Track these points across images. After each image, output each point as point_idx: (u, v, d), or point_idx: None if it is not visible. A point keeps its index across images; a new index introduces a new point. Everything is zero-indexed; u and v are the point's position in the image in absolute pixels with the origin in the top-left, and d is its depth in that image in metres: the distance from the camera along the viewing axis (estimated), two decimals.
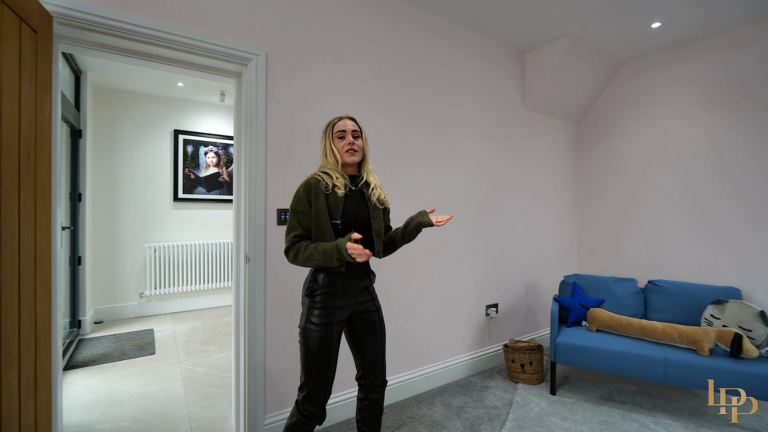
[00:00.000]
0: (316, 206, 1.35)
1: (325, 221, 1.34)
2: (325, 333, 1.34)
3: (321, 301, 1.36)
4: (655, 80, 3.15)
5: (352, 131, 1.44)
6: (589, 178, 3.60)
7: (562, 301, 2.71)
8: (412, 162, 2.46)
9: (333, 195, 1.37)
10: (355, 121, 1.48)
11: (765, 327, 2.15)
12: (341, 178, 1.40)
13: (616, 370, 2.23)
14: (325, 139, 1.45)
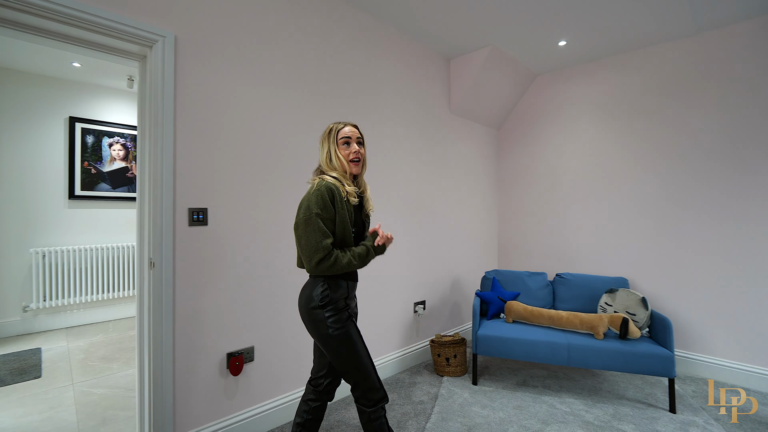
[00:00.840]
0: (341, 213, 1.35)
1: (348, 228, 1.37)
2: (351, 333, 1.38)
3: (336, 307, 1.37)
4: (563, 93, 3.49)
5: (357, 138, 1.45)
6: (508, 181, 3.88)
7: (483, 295, 2.88)
8: None
9: (348, 203, 1.39)
10: (357, 128, 1.48)
11: (645, 311, 2.49)
12: (352, 186, 1.42)
13: (529, 357, 2.42)
14: (329, 143, 1.43)
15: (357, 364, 1.37)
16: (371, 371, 1.39)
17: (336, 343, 1.35)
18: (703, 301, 2.77)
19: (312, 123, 2.26)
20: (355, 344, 1.37)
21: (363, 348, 1.40)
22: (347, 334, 1.36)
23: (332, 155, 1.42)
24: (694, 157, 2.82)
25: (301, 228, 1.32)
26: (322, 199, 1.32)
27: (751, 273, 2.59)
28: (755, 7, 2.47)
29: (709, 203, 2.75)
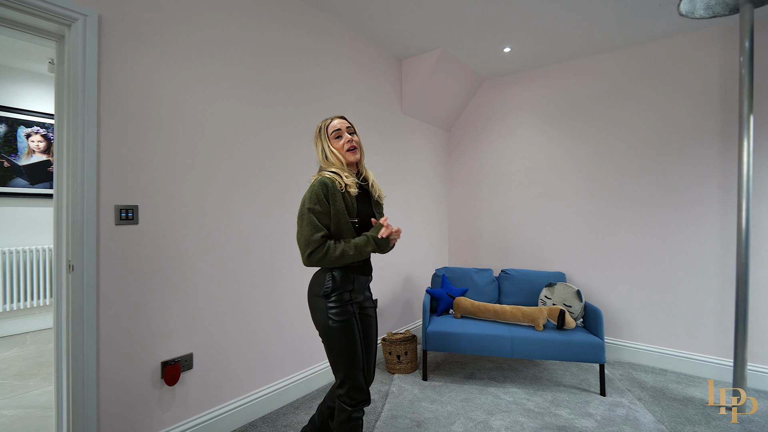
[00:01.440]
0: (336, 206, 1.37)
1: (345, 221, 1.38)
2: (351, 327, 1.38)
3: (340, 298, 1.39)
4: (508, 97, 3.67)
5: (347, 128, 1.47)
6: (459, 181, 4.00)
7: (433, 292, 2.94)
8: (287, 162, 2.34)
9: (348, 195, 1.40)
10: (345, 118, 1.50)
11: (580, 302, 2.69)
12: (351, 177, 1.43)
13: (476, 350, 2.51)
14: (321, 141, 1.47)
15: (349, 360, 1.37)
16: (358, 371, 1.39)
17: (333, 335, 1.37)
18: (629, 293, 3.04)
19: (259, 118, 2.17)
20: (352, 339, 1.38)
21: (359, 346, 1.40)
22: (346, 328, 1.37)
23: (327, 151, 1.45)
24: (621, 161, 3.08)
25: (297, 223, 1.38)
26: (315, 195, 1.35)
27: (666, 267, 2.88)
28: (674, 27, 2.75)
29: (634, 204, 3.02)
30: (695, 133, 2.79)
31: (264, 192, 2.20)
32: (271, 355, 2.23)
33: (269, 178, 2.23)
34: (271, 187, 2.24)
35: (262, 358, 2.18)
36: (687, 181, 2.82)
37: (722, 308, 2.68)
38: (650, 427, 2.06)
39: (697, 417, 2.18)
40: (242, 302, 2.07)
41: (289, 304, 2.34)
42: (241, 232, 2.08)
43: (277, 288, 2.27)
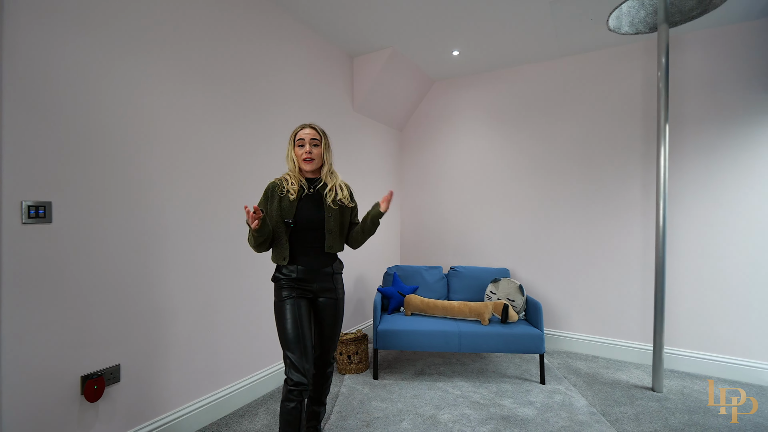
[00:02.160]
0: (270, 207, 1.61)
1: (278, 220, 1.58)
2: (286, 306, 1.56)
3: (284, 283, 1.60)
4: (457, 99, 3.77)
5: (311, 140, 1.63)
6: (410, 180, 4.05)
7: (384, 291, 2.95)
8: (227, 158, 2.22)
9: (286, 198, 1.60)
10: (315, 129, 1.65)
11: (522, 296, 2.83)
12: (295, 184, 1.61)
13: (426, 347, 2.55)
14: (288, 145, 1.66)
15: (282, 339, 1.54)
16: (294, 351, 1.50)
17: (274, 314, 1.60)
18: (566, 286, 3.26)
19: (197, 110, 2.03)
20: (283, 321, 1.55)
21: (293, 328, 1.53)
22: (279, 309, 1.57)
23: (288, 156, 1.66)
24: (558, 163, 3.29)
25: None
26: (263, 194, 1.63)
27: (597, 261, 3.13)
28: (604, 41, 2.99)
29: (569, 203, 3.24)
30: (620, 138, 3.05)
31: (201, 188, 2.06)
32: (211, 362, 2.10)
33: (205, 174, 2.10)
34: (207, 184, 2.11)
35: (202, 366, 2.04)
36: (614, 182, 3.08)
37: (644, 298, 2.96)
38: (584, 410, 2.21)
39: (623, 398, 2.38)
40: (176, 306, 1.93)
41: (230, 307, 2.22)
42: (174, 230, 1.93)
43: (215, 289, 2.14)
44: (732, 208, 2.70)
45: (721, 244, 2.73)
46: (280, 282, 1.61)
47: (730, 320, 2.70)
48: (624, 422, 2.10)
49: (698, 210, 2.79)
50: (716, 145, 2.74)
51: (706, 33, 2.78)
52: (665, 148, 2.41)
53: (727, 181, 2.71)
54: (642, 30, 2.69)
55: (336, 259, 1.73)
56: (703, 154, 2.78)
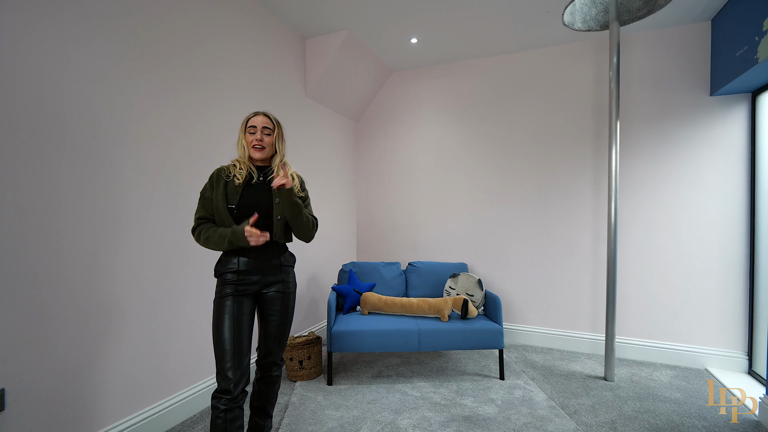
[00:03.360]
0: (216, 192, 1.50)
1: (222, 206, 1.48)
2: (220, 308, 1.43)
3: (225, 279, 1.47)
4: (416, 91, 3.66)
5: (263, 128, 1.54)
6: (367, 173, 3.88)
7: (340, 289, 2.75)
8: (173, 143, 1.91)
9: (232, 183, 1.50)
10: (269, 117, 1.57)
11: (481, 291, 2.77)
12: (243, 170, 1.52)
13: (384, 347, 2.39)
14: (239, 132, 1.57)
15: (216, 341, 1.40)
16: (224, 355, 1.37)
17: (213, 311, 1.45)
18: (522, 279, 3.27)
19: (126, 86, 1.70)
20: (219, 320, 1.42)
21: (230, 328, 1.40)
22: (217, 307, 1.44)
23: (239, 142, 1.56)
24: (514, 157, 3.29)
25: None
26: (209, 179, 1.53)
27: (551, 254, 3.16)
28: (559, 37, 3.01)
29: (525, 196, 3.26)
30: (573, 134, 3.11)
31: (117, 177, 1.74)
32: (126, 380, 1.78)
33: (126, 161, 1.78)
34: (127, 171, 1.79)
35: (115, 385, 1.72)
36: (566, 177, 3.12)
37: (595, 290, 3.03)
38: (543, 405, 2.17)
39: (579, 390, 2.38)
40: (77, 315, 1.60)
41: (148, 314, 1.91)
42: (74, 225, 1.60)
43: (129, 294, 1.82)
44: (673, 204, 2.83)
45: (663, 238, 2.85)
46: (224, 277, 1.48)
47: (671, 309, 2.83)
48: (582, 414, 2.08)
49: (643, 205, 2.90)
50: (660, 143, 2.87)
51: (651, 34, 2.90)
52: (616, 145, 2.46)
53: (669, 178, 2.84)
54: (593, 27, 2.73)
55: (285, 251, 1.62)
56: (647, 151, 2.90)
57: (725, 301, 2.69)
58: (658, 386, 2.43)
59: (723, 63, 2.57)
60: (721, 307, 2.71)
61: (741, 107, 2.65)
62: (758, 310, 2.57)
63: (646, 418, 2.05)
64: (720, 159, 2.71)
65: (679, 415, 2.08)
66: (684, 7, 2.62)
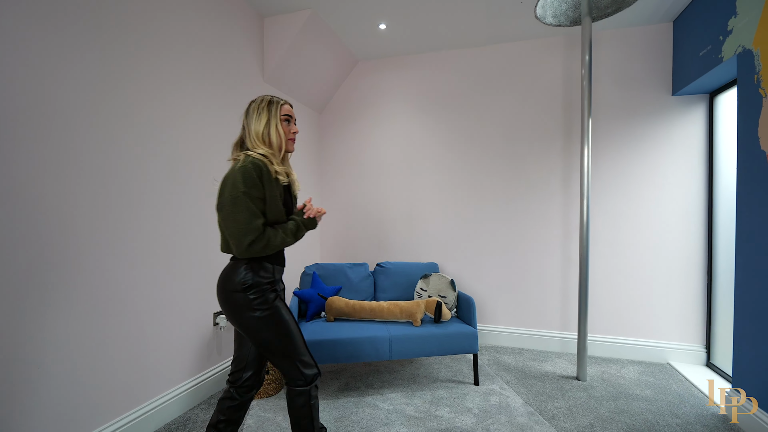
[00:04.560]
0: (271, 191, 1.27)
1: (279, 207, 1.30)
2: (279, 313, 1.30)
3: (263, 289, 1.29)
4: (384, 82, 3.47)
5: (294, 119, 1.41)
6: (331, 169, 3.64)
7: (302, 294, 2.50)
8: (114, 131, 1.56)
9: (277, 182, 1.30)
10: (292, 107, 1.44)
11: (454, 292, 2.63)
12: (281, 166, 1.34)
13: (352, 357, 2.17)
14: (269, 115, 1.33)
15: (288, 343, 1.31)
16: (304, 348, 1.35)
17: (264, 326, 1.28)
18: (492, 278, 3.18)
19: (56, 59, 1.34)
20: (286, 323, 1.31)
21: (294, 325, 1.34)
22: (276, 314, 1.29)
23: (272, 129, 1.33)
24: (485, 153, 3.20)
25: (227, 208, 1.22)
26: (249, 177, 1.22)
27: (522, 252, 3.11)
28: (530, 31, 2.95)
29: (496, 193, 3.18)
30: (542, 131, 3.07)
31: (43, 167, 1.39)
32: (74, 400, 1.43)
33: (58, 155, 1.42)
34: (59, 164, 1.43)
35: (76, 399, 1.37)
36: (537, 173, 3.08)
37: (564, 288, 3.01)
38: (521, 411, 2.07)
39: (554, 392, 2.31)
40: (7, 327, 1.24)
41: (113, 327, 1.56)
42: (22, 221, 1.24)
43: (69, 303, 1.47)
44: (638, 201, 2.86)
45: (628, 234, 2.88)
46: (262, 287, 1.29)
47: (636, 305, 2.86)
48: (561, 419, 2.00)
49: (609, 202, 2.92)
50: (625, 141, 2.89)
51: (617, 32, 2.92)
52: (588, 143, 2.42)
53: (634, 176, 2.87)
54: (564, 23, 2.69)
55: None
56: (613, 149, 2.91)
57: (686, 296, 2.76)
58: (628, 384, 2.42)
59: (685, 63, 2.62)
60: (682, 302, 2.77)
61: (700, 107, 2.73)
62: (715, 304, 2.65)
63: (623, 419, 2.00)
64: (681, 158, 2.77)
65: (652, 414, 2.06)
66: (649, 7, 2.64)
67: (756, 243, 1.88)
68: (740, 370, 1.98)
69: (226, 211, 1.21)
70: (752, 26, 1.94)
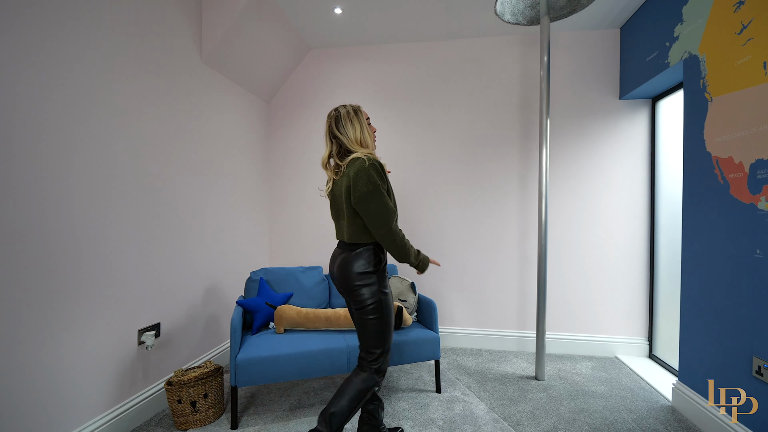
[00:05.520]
0: (389, 185, 1.48)
1: (394, 198, 1.50)
2: (390, 299, 1.50)
3: (382, 275, 1.49)
4: (339, 73, 3.26)
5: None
6: (281, 164, 3.35)
7: (247, 303, 2.21)
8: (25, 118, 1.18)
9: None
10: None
11: (414, 295, 2.50)
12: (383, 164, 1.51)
13: (306, 373, 1.94)
14: (360, 122, 1.51)
15: (385, 332, 1.46)
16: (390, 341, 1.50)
17: (384, 306, 1.45)
18: (450, 279, 3.11)
19: None
20: (391, 312, 1.48)
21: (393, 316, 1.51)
22: (385, 302, 1.45)
23: (365, 132, 1.52)
24: (444, 150, 3.12)
25: (370, 198, 1.38)
26: (378, 173, 1.41)
27: (479, 251, 3.07)
28: (489, 28, 2.91)
29: (454, 192, 3.11)
30: (500, 130, 3.05)
31: None
32: None
33: None
34: None
35: None
36: (494, 173, 3.06)
37: (521, 287, 3.01)
38: (485, 418, 1.98)
39: (515, 394, 2.26)
40: None
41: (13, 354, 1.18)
42: None
43: None
44: (587, 200, 2.94)
45: (578, 233, 2.95)
46: (383, 272, 1.50)
47: (586, 301, 2.94)
48: (525, 424, 1.94)
49: (560, 201, 2.96)
50: (576, 142, 2.95)
51: (571, 35, 2.97)
52: (546, 143, 2.42)
53: (584, 176, 2.94)
54: (521, 21, 2.68)
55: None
56: (565, 149, 2.96)
57: (631, 292, 2.88)
58: (583, 381, 2.45)
59: (632, 68, 2.72)
60: (627, 298, 2.89)
61: (644, 111, 2.86)
62: (657, 299, 2.80)
63: (583, 418, 2.00)
64: (627, 159, 2.89)
65: (609, 411, 2.08)
66: (599, 13, 2.71)
67: (701, 241, 1.96)
68: (686, 361, 2.06)
69: (369, 200, 1.38)
70: (698, 33, 2.02)
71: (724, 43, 1.84)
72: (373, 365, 1.46)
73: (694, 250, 2.02)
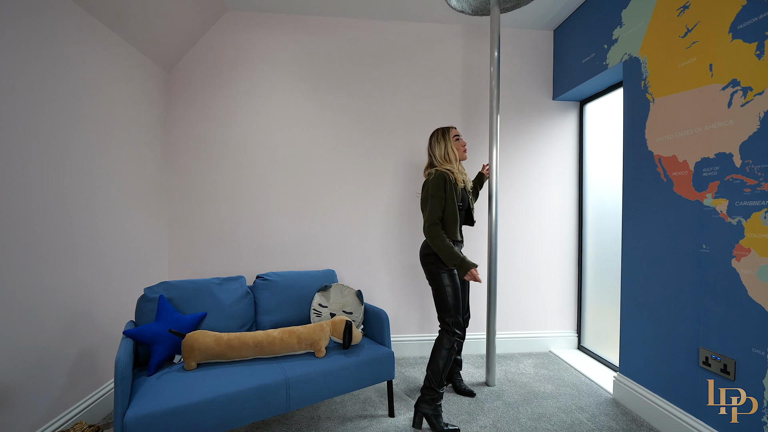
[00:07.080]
0: (450, 194, 1.87)
1: (454, 205, 1.89)
2: (455, 276, 1.90)
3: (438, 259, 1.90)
4: (260, 42, 2.73)
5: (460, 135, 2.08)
6: (185, 147, 2.68)
7: (140, 333, 1.61)
8: None
9: (457, 186, 1.92)
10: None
11: (361, 306, 2.16)
12: (460, 174, 1.97)
13: (232, 422, 1.46)
14: (445, 142, 1.98)
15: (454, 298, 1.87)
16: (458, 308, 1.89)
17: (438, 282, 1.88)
18: (394, 285, 2.84)
19: None
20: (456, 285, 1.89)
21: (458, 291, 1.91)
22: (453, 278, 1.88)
23: (449, 151, 1.97)
24: (382, 142, 2.84)
25: (429, 201, 1.86)
26: (436, 184, 1.86)
27: None
28: (434, 14, 2.71)
29: (393, 190, 2.85)
30: (442, 121, 2.88)
31: None
32: None
33: None
34: None
35: None
36: None
37: None
38: None
39: (472, 407, 2.09)
40: None
41: None
42: None
43: None
44: (524, 198, 2.95)
45: (516, 230, 2.94)
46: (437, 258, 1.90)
47: (524, 298, 2.95)
48: None
49: (502, 202, 2.92)
50: (514, 139, 2.94)
51: (510, 32, 2.94)
52: (497, 141, 2.33)
53: (520, 174, 2.94)
54: (466, 10, 2.55)
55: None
56: (502, 147, 2.93)
57: (562, 287, 2.97)
58: (530, 381, 2.41)
59: (566, 70, 2.79)
60: (559, 292, 2.97)
61: (573, 113, 2.97)
62: (585, 292, 2.93)
63: (543, 425, 1.90)
64: (558, 159, 2.97)
65: (564, 412, 2.03)
66: (533, 15, 2.73)
67: (643, 237, 2.02)
68: (627, 354, 2.12)
69: (428, 203, 1.86)
70: (639, 36, 2.08)
71: (667, 46, 1.90)
72: (449, 327, 1.85)
73: (634, 246, 2.08)
